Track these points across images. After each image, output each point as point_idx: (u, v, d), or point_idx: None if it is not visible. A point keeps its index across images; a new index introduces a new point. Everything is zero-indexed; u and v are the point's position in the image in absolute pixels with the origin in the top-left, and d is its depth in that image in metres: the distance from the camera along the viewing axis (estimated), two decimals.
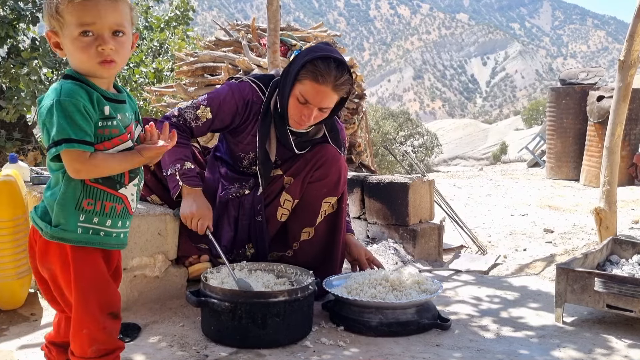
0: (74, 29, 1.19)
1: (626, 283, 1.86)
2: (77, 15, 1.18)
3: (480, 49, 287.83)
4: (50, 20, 1.21)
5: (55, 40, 1.24)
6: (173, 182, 2.05)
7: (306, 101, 1.97)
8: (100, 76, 1.25)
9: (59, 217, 1.24)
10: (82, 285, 1.24)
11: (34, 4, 6.80)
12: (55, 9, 1.19)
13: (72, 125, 1.17)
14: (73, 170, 1.19)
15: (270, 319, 1.69)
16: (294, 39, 5.02)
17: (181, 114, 2.11)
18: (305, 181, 2.15)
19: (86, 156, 1.19)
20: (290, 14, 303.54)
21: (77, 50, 1.20)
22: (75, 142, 1.16)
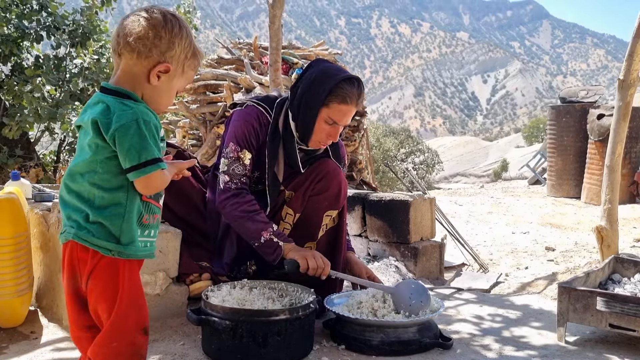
0: (180, 85, 1.37)
1: (628, 302, 1.85)
2: (189, 80, 1.39)
3: (481, 67, 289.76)
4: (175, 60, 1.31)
5: (165, 71, 1.31)
6: (271, 247, 2.01)
7: (334, 122, 2.06)
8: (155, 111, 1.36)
9: (127, 235, 1.27)
10: (129, 300, 1.27)
11: (38, 22, 6.88)
12: (188, 64, 1.34)
13: (155, 145, 1.25)
14: (153, 188, 1.28)
15: (271, 337, 1.68)
16: (296, 57, 5.07)
17: (232, 175, 2.08)
18: (307, 195, 2.16)
19: (164, 172, 1.28)
20: (291, 32, 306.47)
21: (169, 99, 1.37)
22: (161, 161, 1.25)
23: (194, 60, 1.36)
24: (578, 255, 3.69)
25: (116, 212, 1.26)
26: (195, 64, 1.37)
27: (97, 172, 1.24)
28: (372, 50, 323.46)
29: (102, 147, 1.24)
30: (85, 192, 1.26)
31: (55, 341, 1.91)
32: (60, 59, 7.23)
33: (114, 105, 1.24)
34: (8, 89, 6.57)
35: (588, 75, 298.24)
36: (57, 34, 7.01)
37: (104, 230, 1.26)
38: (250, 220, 2.01)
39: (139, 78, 1.30)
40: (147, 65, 1.28)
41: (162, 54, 1.28)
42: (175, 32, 1.30)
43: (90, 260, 1.26)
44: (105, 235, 1.26)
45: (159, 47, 1.28)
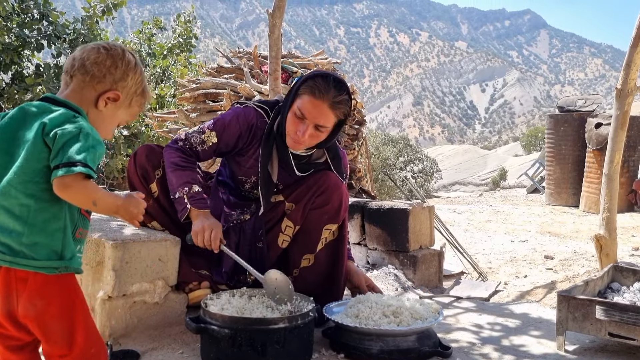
0: (124, 117, 1.41)
1: (628, 311, 1.85)
2: (132, 116, 1.45)
3: (479, 76, 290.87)
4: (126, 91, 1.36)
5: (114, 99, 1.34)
6: (181, 205, 2.05)
7: (303, 116, 1.99)
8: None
9: (68, 249, 1.23)
10: (86, 309, 1.27)
11: (39, 31, 6.92)
12: (135, 100, 1.39)
13: (93, 156, 1.20)
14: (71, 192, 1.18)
15: (270, 346, 1.67)
16: (295, 66, 5.09)
17: (188, 138, 2.14)
18: (307, 208, 2.16)
19: (89, 180, 1.20)
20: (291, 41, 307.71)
21: (110, 126, 1.39)
22: (89, 168, 1.19)
23: (142, 97, 1.41)
24: (577, 263, 3.69)
25: (56, 226, 1.21)
26: (142, 101, 1.42)
27: (35, 182, 1.18)
28: (371, 60, 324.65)
29: (41, 152, 1.19)
30: (17, 207, 1.18)
31: None
32: (61, 67, 7.25)
33: (65, 115, 1.23)
34: (8, 97, 6.59)
35: (586, 84, 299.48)
36: (57, 42, 7.05)
37: (44, 248, 1.19)
38: (174, 173, 2.07)
39: (87, 101, 1.32)
40: (99, 90, 1.32)
41: (115, 82, 1.34)
42: (131, 66, 1.36)
43: (33, 281, 1.19)
44: (47, 254, 1.20)
45: (113, 74, 1.33)
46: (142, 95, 1.41)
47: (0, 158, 1.22)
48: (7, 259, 1.17)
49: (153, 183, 2.19)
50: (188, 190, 2.04)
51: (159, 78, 9.47)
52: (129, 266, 1.91)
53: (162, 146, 2.29)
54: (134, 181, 2.20)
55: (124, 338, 1.89)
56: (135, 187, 2.20)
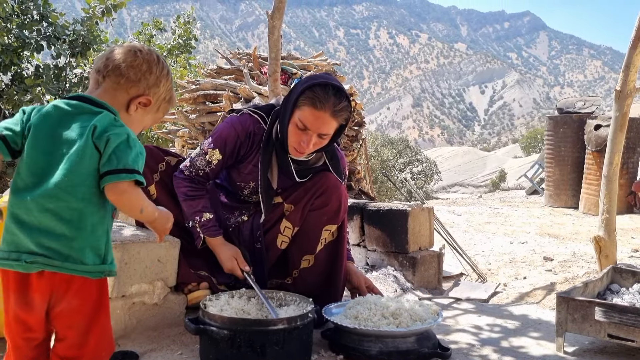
0: (150, 122, 1.44)
1: (627, 312, 1.85)
2: (157, 121, 1.49)
3: (478, 77, 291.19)
4: (157, 97, 1.38)
5: (145, 103, 1.37)
6: (195, 234, 2.14)
7: (305, 127, 1.98)
8: None
9: (109, 253, 1.26)
10: (108, 313, 1.28)
11: (39, 32, 6.92)
12: (163, 102, 1.42)
13: (140, 163, 1.24)
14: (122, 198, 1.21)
15: (270, 347, 1.67)
16: (295, 68, 5.10)
17: (193, 164, 2.14)
18: (306, 209, 2.16)
19: (138, 186, 1.24)
20: (291, 42, 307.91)
21: (137, 129, 1.41)
22: (140, 175, 1.22)
23: (169, 104, 1.44)
24: (576, 265, 3.69)
25: (102, 230, 1.23)
26: (168, 108, 1.45)
27: (87, 184, 1.18)
28: (371, 61, 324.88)
29: (92, 155, 1.18)
30: (66, 211, 1.17)
31: None
32: (61, 68, 7.26)
33: (110, 118, 1.25)
34: (8, 98, 6.59)
35: (585, 86, 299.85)
36: (57, 43, 7.05)
37: (92, 252, 1.20)
38: (185, 203, 2.13)
39: (118, 103, 1.32)
40: (132, 94, 1.33)
41: (149, 87, 1.35)
42: (164, 72, 1.39)
43: (76, 282, 1.20)
44: (93, 258, 1.21)
45: (147, 80, 1.34)
46: (169, 102, 1.44)
47: (41, 158, 1.20)
48: (56, 263, 1.16)
49: (152, 185, 2.19)
50: (199, 219, 2.10)
51: None
52: (128, 267, 1.91)
53: (161, 148, 2.29)
54: None
55: (123, 339, 1.89)
56: None
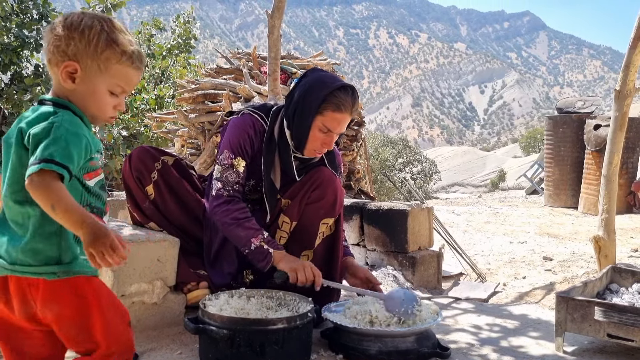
0: (108, 84, 1.24)
1: (626, 312, 1.85)
2: (120, 78, 1.25)
3: (478, 77, 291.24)
4: (84, 56, 1.20)
5: (73, 72, 1.20)
6: (262, 254, 2.02)
7: (329, 130, 2.06)
8: (97, 123, 1.29)
9: (67, 253, 1.18)
10: (107, 307, 1.22)
11: (38, 32, 6.91)
12: (102, 58, 1.21)
13: (64, 150, 1.12)
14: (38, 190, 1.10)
15: (269, 346, 1.67)
16: (294, 67, 5.09)
17: (224, 182, 2.09)
18: (303, 203, 2.16)
19: (52, 177, 1.10)
20: (290, 42, 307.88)
21: (99, 102, 1.24)
22: (54, 163, 1.10)
23: (109, 52, 1.21)
24: (576, 265, 3.69)
25: (51, 230, 1.17)
26: (116, 56, 1.22)
27: (25, 188, 1.12)
28: (370, 61, 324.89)
29: (22, 157, 1.15)
30: (19, 217, 1.17)
31: None
32: None
33: (42, 114, 1.18)
34: (7, 97, 6.58)
35: (585, 86, 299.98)
36: None
37: (41, 254, 1.16)
38: (240, 227, 2.02)
39: (58, 84, 1.22)
40: (57, 68, 1.21)
41: (65, 53, 1.19)
42: (74, 27, 1.19)
43: (43, 286, 1.17)
44: (44, 259, 1.16)
45: (59, 46, 1.19)
46: (107, 49, 1.20)
47: (3, 172, 1.20)
48: (7, 266, 1.17)
49: (149, 185, 2.19)
50: (263, 237, 2.03)
51: (158, 79, 9.47)
52: (128, 266, 1.91)
53: (157, 148, 2.29)
54: (130, 183, 2.20)
55: None
56: (131, 189, 2.20)
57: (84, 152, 1.18)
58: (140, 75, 1.31)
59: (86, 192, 1.23)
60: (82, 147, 1.17)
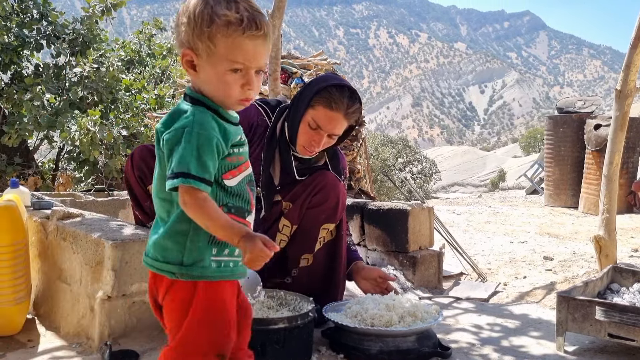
0: (224, 63, 1.12)
1: (627, 312, 1.85)
2: (234, 52, 1.12)
3: (478, 77, 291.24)
4: (195, 40, 1.12)
5: (190, 60, 1.15)
6: None
7: (318, 127, 2.01)
8: (229, 109, 1.19)
9: (193, 255, 1.15)
10: (201, 319, 1.15)
11: (39, 31, 6.92)
12: (208, 36, 1.11)
13: (197, 160, 1.09)
14: (184, 203, 1.10)
15: (270, 346, 1.67)
16: (295, 67, 5.09)
17: None
18: (304, 206, 2.16)
19: (199, 195, 1.09)
20: (290, 42, 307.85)
21: (222, 84, 1.14)
22: (192, 178, 1.08)
23: (214, 26, 1.10)
24: (576, 264, 3.69)
25: (180, 229, 1.15)
26: (221, 29, 1.10)
27: (167, 184, 1.11)
28: (370, 61, 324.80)
29: (163, 158, 1.15)
30: (165, 214, 1.18)
31: (53, 349, 1.90)
32: (60, 67, 7.25)
33: (171, 114, 1.16)
34: (8, 97, 6.58)
35: (585, 85, 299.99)
36: (57, 42, 7.04)
37: (168, 252, 1.16)
38: None
39: (190, 75, 1.17)
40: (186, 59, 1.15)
41: (182, 42, 1.14)
42: (183, 11, 1.14)
43: (166, 282, 1.17)
44: (170, 257, 1.15)
45: (177, 36, 1.16)
46: (210, 25, 1.10)
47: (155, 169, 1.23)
48: (144, 258, 1.21)
49: (151, 184, 2.19)
50: None
51: (158, 78, 9.46)
52: (129, 266, 1.91)
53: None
54: (132, 182, 2.20)
55: (123, 338, 1.89)
56: (133, 189, 2.20)
57: (217, 155, 1.13)
58: (263, 42, 1.14)
59: (222, 192, 1.17)
60: (213, 151, 1.11)
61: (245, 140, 1.23)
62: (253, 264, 1.11)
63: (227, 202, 1.19)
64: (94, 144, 6.15)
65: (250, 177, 1.25)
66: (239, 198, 1.21)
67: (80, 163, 7.09)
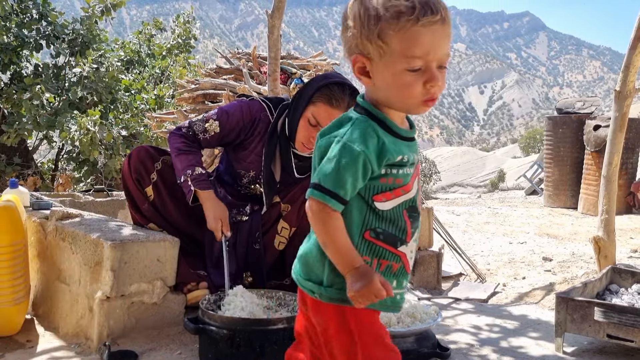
0: (401, 61, 0.98)
1: (626, 313, 1.85)
2: (410, 46, 0.96)
3: (478, 78, 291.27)
4: (364, 42, 0.99)
5: (362, 66, 1.02)
6: (186, 188, 2.10)
7: (317, 123, 2.02)
8: (413, 113, 1.06)
9: (332, 276, 1.06)
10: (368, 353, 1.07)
11: (38, 31, 6.92)
12: (378, 34, 0.97)
13: (335, 175, 1.00)
14: (310, 217, 1.04)
15: (269, 347, 1.67)
16: (294, 67, 5.09)
17: (191, 126, 2.17)
18: (302, 209, 2.16)
19: (326, 210, 1.01)
20: (290, 42, 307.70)
21: (399, 87, 1.00)
22: (325, 192, 1.00)
23: (383, 22, 0.96)
24: (575, 265, 3.69)
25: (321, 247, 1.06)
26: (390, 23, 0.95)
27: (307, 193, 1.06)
28: None
29: None
30: None
31: (51, 350, 1.90)
32: (60, 67, 7.25)
33: (343, 120, 1.07)
34: (7, 97, 6.58)
35: (584, 86, 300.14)
36: (56, 42, 7.04)
37: (308, 268, 1.09)
38: (178, 157, 2.11)
39: (365, 85, 1.05)
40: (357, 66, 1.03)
41: (349, 49, 1.03)
42: (347, 14, 1.01)
43: (309, 300, 1.11)
44: (310, 275, 1.09)
45: (344, 44, 1.04)
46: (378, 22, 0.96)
47: None
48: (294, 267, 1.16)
49: (149, 187, 2.19)
50: (191, 172, 2.08)
51: (157, 79, 9.46)
52: (128, 266, 1.90)
53: (157, 148, 2.29)
54: (129, 185, 2.20)
55: (122, 339, 1.89)
56: (130, 191, 2.20)
57: (361, 173, 1.01)
58: (442, 28, 0.98)
59: (372, 215, 1.06)
60: (357, 169, 1.00)
61: (411, 162, 1.07)
62: (359, 301, 1.01)
63: (376, 226, 1.06)
64: (94, 144, 6.15)
65: (411, 203, 1.09)
66: (391, 224, 1.07)
67: (80, 163, 7.09)
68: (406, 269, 1.10)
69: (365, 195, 1.05)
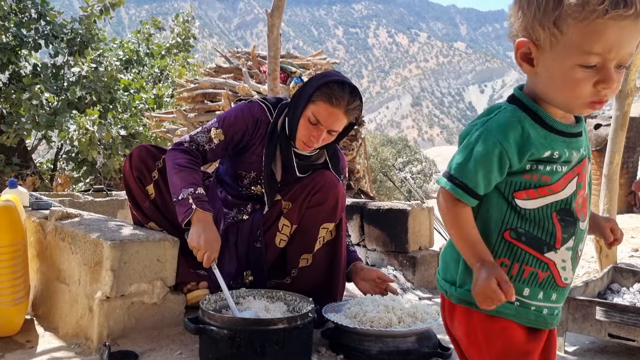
0: (575, 55, 0.87)
1: (628, 312, 1.85)
2: (590, 39, 0.86)
3: (478, 76, 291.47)
4: (535, 26, 0.90)
5: (527, 51, 0.93)
6: (185, 207, 1.96)
7: (317, 122, 2.01)
8: (574, 113, 0.98)
9: (464, 276, 1.00)
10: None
11: (37, 31, 6.91)
12: (554, 20, 0.87)
13: (467, 165, 0.94)
14: (437, 201, 1.00)
15: (269, 347, 1.67)
16: (294, 66, 5.09)
17: (193, 140, 2.11)
18: (303, 206, 2.15)
19: (454, 201, 0.95)
20: (290, 41, 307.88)
21: (565, 83, 0.90)
22: (454, 183, 0.95)
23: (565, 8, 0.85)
24: None
25: (454, 249, 1.02)
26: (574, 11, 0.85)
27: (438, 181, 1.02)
28: (370, 60, 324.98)
29: None
30: None
31: (51, 350, 1.89)
32: (58, 67, 7.25)
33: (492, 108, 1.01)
34: (6, 96, 6.58)
35: None
36: (55, 42, 7.04)
37: (445, 267, 1.05)
38: (179, 174, 1.99)
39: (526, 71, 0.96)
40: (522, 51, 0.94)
41: (515, 31, 0.94)
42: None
43: (447, 302, 1.07)
44: (446, 274, 1.05)
45: (511, 26, 0.95)
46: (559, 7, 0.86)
47: None
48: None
49: (150, 185, 2.18)
50: (193, 191, 1.97)
51: (156, 78, 9.45)
52: (127, 266, 1.90)
53: (158, 147, 2.28)
54: (130, 183, 2.19)
55: (122, 339, 1.88)
56: (131, 189, 2.19)
57: (496, 166, 0.93)
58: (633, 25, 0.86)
59: (513, 213, 0.98)
60: (491, 161, 0.93)
61: (565, 160, 0.97)
62: (479, 300, 0.92)
63: (517, 226, 0.98)
64: (93, 144, 6.15)
65: (563, 206, 0.98)
66: (536, 226, 0.97)
67: (79, 163, 7.09)
68: (556, 281, 1.00)
69: (504, 191, 0.97)
